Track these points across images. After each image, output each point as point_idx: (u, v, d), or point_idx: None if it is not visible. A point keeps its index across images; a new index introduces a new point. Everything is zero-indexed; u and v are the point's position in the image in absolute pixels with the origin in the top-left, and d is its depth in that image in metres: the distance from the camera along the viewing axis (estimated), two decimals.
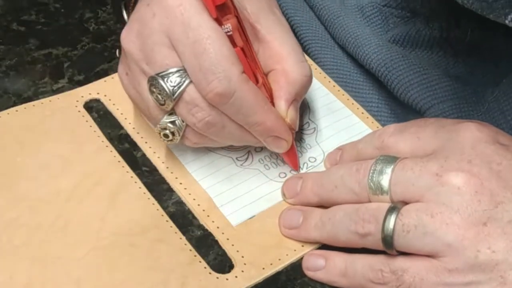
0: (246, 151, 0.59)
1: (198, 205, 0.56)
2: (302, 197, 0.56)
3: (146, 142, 0.60)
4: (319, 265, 0.53)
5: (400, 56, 0.64)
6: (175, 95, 0.53)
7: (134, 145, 0.60)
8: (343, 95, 0.63)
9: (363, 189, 0.51)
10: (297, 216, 0.55)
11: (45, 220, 0.54)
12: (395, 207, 0.50)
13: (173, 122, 0.54)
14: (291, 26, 0.68)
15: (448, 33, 0.65)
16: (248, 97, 0.52)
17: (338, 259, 0.52)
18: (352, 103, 0.62)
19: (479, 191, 0.48)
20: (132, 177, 0.57)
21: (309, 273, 0.53)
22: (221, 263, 0.54)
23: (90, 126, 0.60)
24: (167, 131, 0.55)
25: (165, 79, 0.52)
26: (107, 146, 0.59)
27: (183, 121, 0.54)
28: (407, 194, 0.50)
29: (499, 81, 0.62)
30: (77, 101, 0.62)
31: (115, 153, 0.59)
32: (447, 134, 0.51)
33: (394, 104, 0.65)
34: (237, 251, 0.54)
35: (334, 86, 0.64)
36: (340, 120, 0.61)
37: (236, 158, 0.59)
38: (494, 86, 0.62)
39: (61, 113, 0.61)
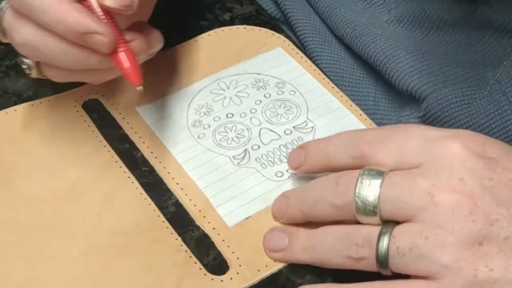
0: (243, 149, 0.59)
1: (195, 205, 0.56)
2: (288, 215, 0.54)
3: (144, 142, 0.60)
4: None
5: (399, 44, 0.63)
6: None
7: (132, 145, 0.60)
8: (341, 96, 0.63)
9: (347, 204, 0.50)
10: (281, 238, 0.53)
11: (41, 220, 0.54)
12: (386, 230, 0.49)
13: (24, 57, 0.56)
14: (289, 21, 0.68)
15: (449, 14, 0.64)
16: None
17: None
18: (351, 105, 0.62)
19: (473, 211, 0.47)
20: (129, 177, 0.57)
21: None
22: (216, 264, 0.53)
23: (89, 126, 0.60)
24: (25, 66, 0.56)
25: None
26: (104, 146, 0.59)
27: None
28: (398, 213, 0.49)
29: (500, 62, 0.61)
30: (76, 101, 0.62)
31: (112, 153, 0.59)
32: (433, 149, 0.50)
33: (392, 96, 0.64)
34: (233, 252, 0.54)
35: (333, 87, 0.63)
36: (338, 120, 0.61)
37: (233, 157, 0.59)
38: (495, 68, 0.61)
39: (59, 113, 0.61)
